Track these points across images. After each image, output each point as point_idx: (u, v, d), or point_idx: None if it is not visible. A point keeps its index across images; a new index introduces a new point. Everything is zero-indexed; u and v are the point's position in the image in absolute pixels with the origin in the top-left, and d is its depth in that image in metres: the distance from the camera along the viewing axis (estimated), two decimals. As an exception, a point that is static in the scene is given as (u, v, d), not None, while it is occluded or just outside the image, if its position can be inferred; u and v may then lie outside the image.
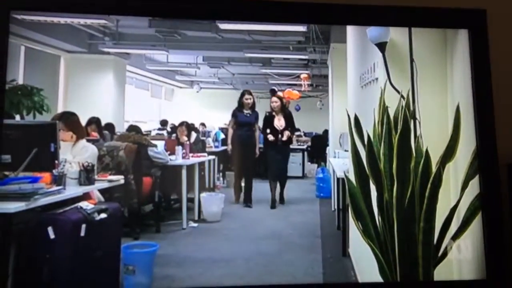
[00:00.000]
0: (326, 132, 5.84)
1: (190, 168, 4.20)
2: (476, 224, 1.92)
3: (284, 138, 5.18)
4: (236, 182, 5.16)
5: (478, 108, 1.92)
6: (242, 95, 5.25)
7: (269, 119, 5.23)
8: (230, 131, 5.23)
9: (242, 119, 5.17)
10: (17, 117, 3.36)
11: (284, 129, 5.17)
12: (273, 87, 6.37)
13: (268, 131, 5.16)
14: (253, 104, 5.24)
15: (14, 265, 2.19)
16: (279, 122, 5.18)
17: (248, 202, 4.97)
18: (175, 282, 2.90)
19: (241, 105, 5.20)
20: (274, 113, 5.24)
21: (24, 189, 2.22)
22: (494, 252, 1.84)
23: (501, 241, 1.84)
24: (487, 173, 1.89)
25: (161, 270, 2.96)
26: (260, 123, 5.25)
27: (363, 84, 2.86)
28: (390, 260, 2.04)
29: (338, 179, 3.62)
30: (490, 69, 1.93)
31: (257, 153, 5.22)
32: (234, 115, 5.22)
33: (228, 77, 6.99)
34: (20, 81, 3.83)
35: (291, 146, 5.44)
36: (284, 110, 5.28)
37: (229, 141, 5.22)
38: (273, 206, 4.93)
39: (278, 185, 5.07)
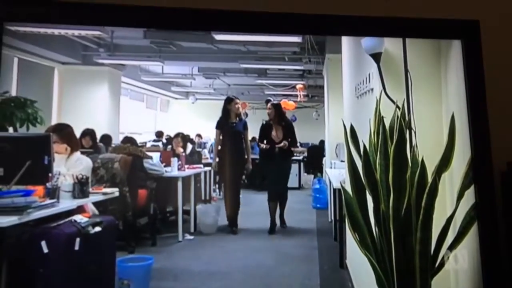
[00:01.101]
0: (322, 142, 5.83)
1: (186, 179, 4.16)
2: (472, 234, 1.91)
3: (282, 147, 4.63)
4: (227, 200, 4.58)
5: (473, 118, 1.91)
6: (230, 101, 4.74)
7: (265, 129, 4.79)
8: (217, 145, 4.71)
9: (230, 130, 4.68)
10: (10, 130, 3.34)
11: (282, 140, 4.69)
12: (269, 98, 6.32)
13: (264, 142, 4.72)
14: (240, 111, 4.78)
15: (7, 280, 2.16)
16: (277, 132, 4.72)
17: (233, 225, 4.43)
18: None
19: (227, 113, 4.70)
20: (271, 122, 4.80)
21: (17, 202, 2.19)
22: (490, 261, 1.83)
23: (497, 250, 1.82)
24: (482, 183, 1.88)
25: (158, 284, 2.94)
26: (252, 133, 4.87)
27: (359, 95, 2.86)
28: (388, 271, 2.02)
29: (334, 189, 3.61)
30: (484, 79, 1.92)
31: (248, 169, 4.72)
32: (219, 126, 4.73)
33: (224, 88, 7.00)
34: (13, 93, 3.82)
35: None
36: (283, 120, 4.81)
37: (215, 153, 4.73)
38: (272, 231, 4.43)
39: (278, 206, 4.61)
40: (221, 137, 4.71)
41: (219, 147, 4.70)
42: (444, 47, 2.23)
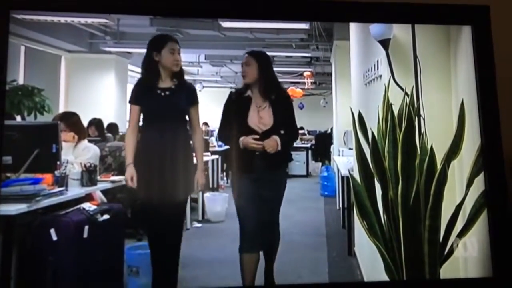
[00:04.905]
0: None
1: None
2: (481, 222, 1.90)
3: (269, 149, 2.47)
4: (155, 261, 2.51)
5: (483, 105, 1.90)
6: (160, 44, 2.48)
7: (237, 106, 2.60)
8: (131, 137, 2.53)
9: (159, 103, 2.49)
10: (18, 118, 3.36)
11: (271, 130, 2.55)
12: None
13: (232, 133, 2.56)
14: (181, 67, 2.53)
15: (17, 267, 2.19)
16: (260, 114, 2.56)
17: None
18: (179, 283, 2.89)
19: (154, 71, 2.47)
20: (250, 92, 2.60)
21: (25, 190, 2.22)
22: (500, 249, 1.82)
23: (507, 238, 1.82)
24: (492, 170, 1.87)
25: (165, 271, 2.95)
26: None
27: (367, 82, 2.84)
28: (396, 259, 2.02)
29: (342, 177, 3.60)
30: (494, 65, 1.90)
31: (200, 184, 2.56)
32: (136, 97, 2.51)
33: (231, 75, 6.98)
34: (21, 81, 3.84)
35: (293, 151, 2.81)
36: (271, 89, 2.59)
37: (129, 157, 2.52)
38: None
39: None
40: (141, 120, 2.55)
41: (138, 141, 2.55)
42: (454, 32, 2.21)
